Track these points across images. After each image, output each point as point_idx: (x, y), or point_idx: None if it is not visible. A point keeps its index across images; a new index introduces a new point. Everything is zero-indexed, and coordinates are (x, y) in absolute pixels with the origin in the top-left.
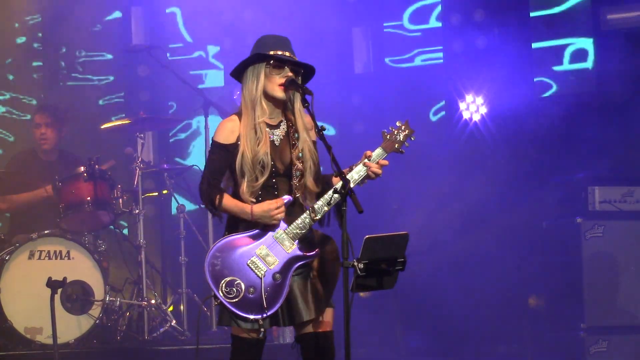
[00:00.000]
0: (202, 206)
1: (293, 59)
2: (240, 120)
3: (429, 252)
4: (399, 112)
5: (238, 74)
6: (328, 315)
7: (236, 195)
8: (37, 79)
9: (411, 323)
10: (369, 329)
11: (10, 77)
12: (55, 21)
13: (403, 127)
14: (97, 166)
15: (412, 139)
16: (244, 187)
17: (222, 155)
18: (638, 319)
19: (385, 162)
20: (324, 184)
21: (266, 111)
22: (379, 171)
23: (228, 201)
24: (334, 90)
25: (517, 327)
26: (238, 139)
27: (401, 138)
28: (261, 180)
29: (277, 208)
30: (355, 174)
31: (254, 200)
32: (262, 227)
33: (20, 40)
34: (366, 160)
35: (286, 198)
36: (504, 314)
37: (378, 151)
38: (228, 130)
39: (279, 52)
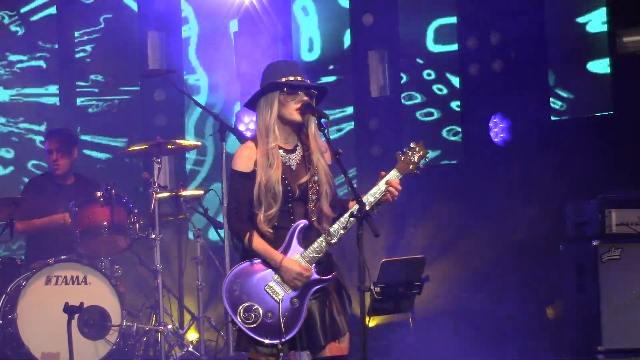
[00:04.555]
0: (219, 231)
1: (306, 83)
2: (256, 146)
3: (447, 272)
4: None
5: (252, 103)
6: (344, 339)
7: (253, 224)
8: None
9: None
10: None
11: None
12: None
13: (417, 148)
14: (113, 191)
15: (427, 160)
16: (261, 217)
17: (244, 184)
18: None
19: (398, 186)
20: (340, 208)
21: (278, 137)
22: (397, 191)
23: (258, 242)
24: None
25: (534, 350)
26: (255, 164)
27: (415, 159)
28: (275, 208)
29: (305, 276)
30: (371, 197)
31: (271, 230)
32: (279, 252)
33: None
34: (384, 180)
35: (302, 222)
36: (520, 336)
37: (393, 173)
38: (246, 157)
39: (291, 78)
